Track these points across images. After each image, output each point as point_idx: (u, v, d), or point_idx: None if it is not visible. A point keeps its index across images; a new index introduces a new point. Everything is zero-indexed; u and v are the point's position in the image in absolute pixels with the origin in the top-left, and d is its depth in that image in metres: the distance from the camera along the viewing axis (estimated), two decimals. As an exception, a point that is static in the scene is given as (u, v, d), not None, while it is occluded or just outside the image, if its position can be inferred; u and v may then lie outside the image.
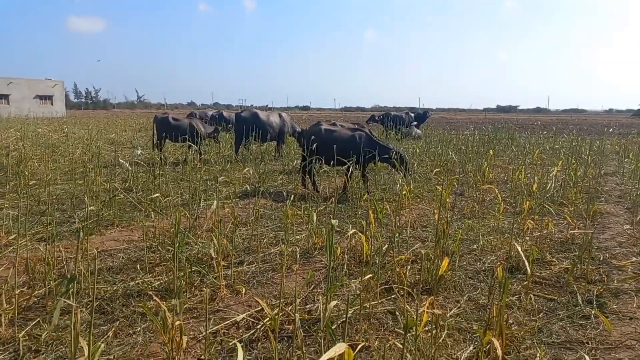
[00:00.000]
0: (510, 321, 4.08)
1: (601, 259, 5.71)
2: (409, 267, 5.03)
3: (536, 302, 4.52)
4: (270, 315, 3.44)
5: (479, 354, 3.34)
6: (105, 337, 3.69)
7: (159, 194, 7.50)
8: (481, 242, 6.12)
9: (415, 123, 23.79)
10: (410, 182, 8.69)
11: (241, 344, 3.44)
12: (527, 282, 4.81)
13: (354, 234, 5.46)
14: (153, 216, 6.21)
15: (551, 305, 4.48)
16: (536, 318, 4.21)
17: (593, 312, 4.30)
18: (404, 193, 7.73)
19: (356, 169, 8.74)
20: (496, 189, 8.20)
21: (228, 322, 3.98)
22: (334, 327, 3.78)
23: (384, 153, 8.56)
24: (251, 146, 13.73)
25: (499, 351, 3.10)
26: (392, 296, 4.45)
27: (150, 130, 24.02)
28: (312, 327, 3.85)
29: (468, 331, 3.90)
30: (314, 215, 5.89)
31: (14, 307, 3.93)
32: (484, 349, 3.37)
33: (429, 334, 3.73)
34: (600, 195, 9.46)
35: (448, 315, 4.16)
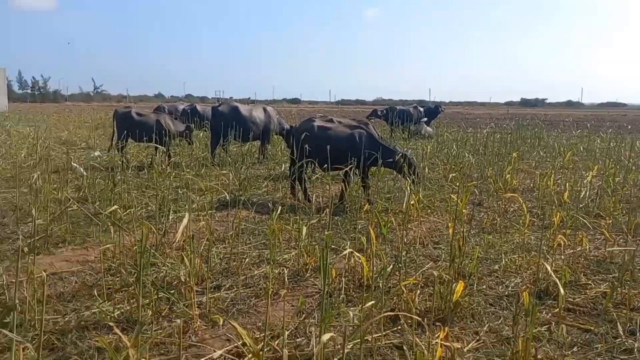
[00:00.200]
0: (539, 357, 4.07)
1: (645, 281, 5.79)
2: (418, 291, 5.09)
3: (569, 334, 4.52)
4: (254, 351, 3.41)
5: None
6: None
7: (120, 205, 7.50)
8: (504, 261, 6.15)
9: (425, 119, 23.98)
10: (419, 190, 8.70)
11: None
12: (558, 309, 4.82)
13: (352, 253, 5.39)
14: (113, 232, 6.09)
15: (587, 337, 4.49)
16: (569, 352, 4.20)
17: (637, 345, 4.29)
18: (412, 203, 7.77)
19: (355, 174, 8.79)
20: (521, 198, 8.18)
21: (203, 359, 3.95)
22: (329, 365, 3.73)
23: (389, 156, 8.61)
24: (230, 147, 13.66)
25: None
26: (399, 327, 4.47)
27: (110, 128, 23.82)
28: (303, 365, 3.81)
29: (489, 369, 3.89)
30: (305, 229, 5.85)
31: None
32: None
33: (442, 372, 3.76)
34: (644, 205, 9.47)
35: (465, 349, 4.14)
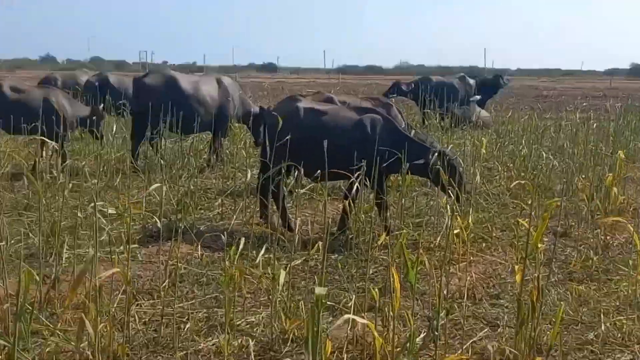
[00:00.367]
0: None
1: None
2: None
3: None
4: None
5: None
6: None
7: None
8: (604, 326, 5.23)
9: (478, 97, 19.41)
10: (468, 212, 7.40)
11: None
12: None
13: (359, 315, 4.60)
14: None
15: None
16: None
17: None
18: (456, 232, 6.47)
19: (365, 185, 7.56)
20: (631, 224, 6.72)
21: None
22: None
23: (418, 155, 7.28)
24: (164, 142, 11.36)
25: None
26: None
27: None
28: None
29: None
30: (284, 275, 4.97)
31: None
32: None
33: None
34: None
35: None
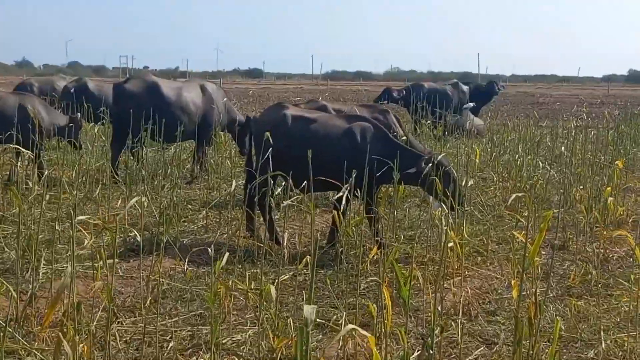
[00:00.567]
0: None
1: None
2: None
3: None
4: None
5: None
6: None
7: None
8: (604, 343, 5.13)
9: (472, 104, 19.15)
10: (463, 223, 7.28)
11: None
12: None
13: (352, 330, 4.30)
14: None
15: None
16: None
17: None
18: (450, 245, 6.37)
19: (355, 196, 7.44)
20: (631, 237, 6.40)
21: None
22: None
23: (410, 164, 7.20)
24: (145, 151, 11.06)
25: None
26: None
27: None
28: None
29: None
30: (272, 291, 4.77)
31: None
32: None
33: None
34: None
35: None
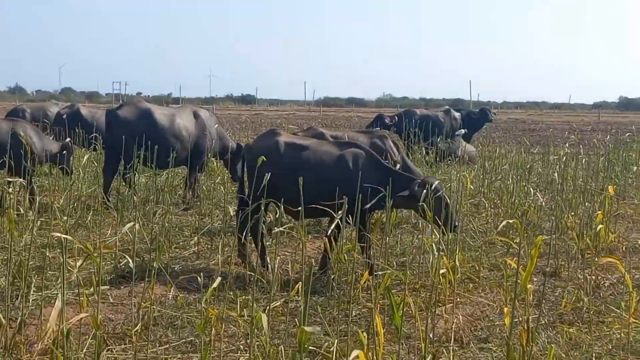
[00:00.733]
0: None
1: None
2: None
3: None
4: None
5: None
6: None
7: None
8: None
9: (464, 131, 19.03)
10: (456, 249, 7.18)
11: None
12: None
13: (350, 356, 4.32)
14: None
15: None
16: None
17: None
18: (442, 272, 6.30)
19: (347, 222, 7.34)
20: (622, 264, 6.36)
21: None
22: None
23: (403, 187, 7.26)
24: (137, 177, 10.83)
25: None
26: None
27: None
28: None
29: None
30: (264, 319, 4.65)
31: None
32: None
33: None
34: None
35: None
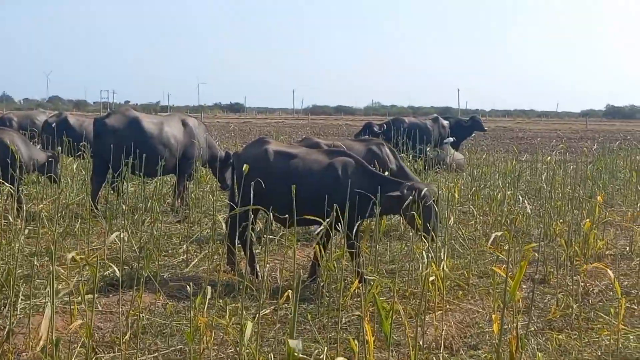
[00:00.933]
0: None
1: None
2: None
3: None
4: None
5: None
6: None
7: None
8: None
9: (452, 139, 18.92)
10: (444, 256, 7.21)
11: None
12: None
13: None
14: None
15: None
16: None
17: None
18: (431, 279, 6.28)
19: (337, 229, 7.28)
20: (611, 270, 6.42)
21: None
22: None
23: (391, 191, 7.20)
24: (125, 185, 10.95)
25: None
26: None
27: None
28: None
29: None
30: (251, 326, 4.65)
31: None
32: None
33: None
34: None
35: None
